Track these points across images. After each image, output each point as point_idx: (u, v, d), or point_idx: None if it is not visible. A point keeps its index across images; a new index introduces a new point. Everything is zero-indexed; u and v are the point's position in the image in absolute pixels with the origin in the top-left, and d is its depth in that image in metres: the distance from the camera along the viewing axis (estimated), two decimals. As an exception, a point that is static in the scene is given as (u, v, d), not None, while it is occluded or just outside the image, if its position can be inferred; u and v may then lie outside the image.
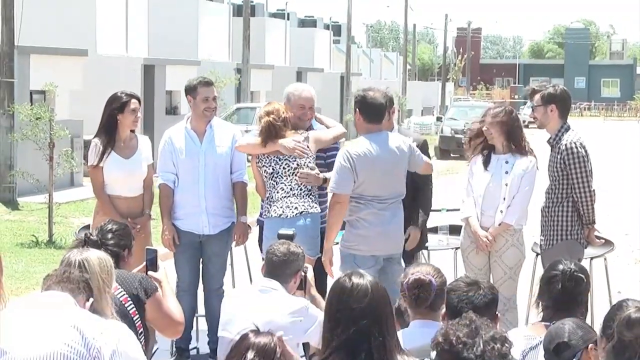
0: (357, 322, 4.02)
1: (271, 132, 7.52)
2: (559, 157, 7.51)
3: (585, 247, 7.67)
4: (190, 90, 7.96)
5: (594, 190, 7.53)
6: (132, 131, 8.02)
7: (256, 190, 7.79)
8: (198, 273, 8.05)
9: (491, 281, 7.79)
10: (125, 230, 5.83)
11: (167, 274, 5.65)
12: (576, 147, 7.46)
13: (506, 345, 3.78)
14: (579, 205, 7.49)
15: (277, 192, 7.55)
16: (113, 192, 7.93)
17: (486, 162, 7.73)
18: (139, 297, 5.34)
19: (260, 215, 7.87)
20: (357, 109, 7.16)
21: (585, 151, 7.50)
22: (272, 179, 7.59)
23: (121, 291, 5.30)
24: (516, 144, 7.66)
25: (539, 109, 7.61)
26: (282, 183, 7.54)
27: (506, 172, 7.64)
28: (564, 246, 7.44)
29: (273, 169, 7.58)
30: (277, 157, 7.56)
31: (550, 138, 7.63)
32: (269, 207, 7.56)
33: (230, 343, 5.50)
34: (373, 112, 7.13)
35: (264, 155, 7.58)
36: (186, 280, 8.03)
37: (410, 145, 7.25)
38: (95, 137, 8.03)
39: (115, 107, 7.87)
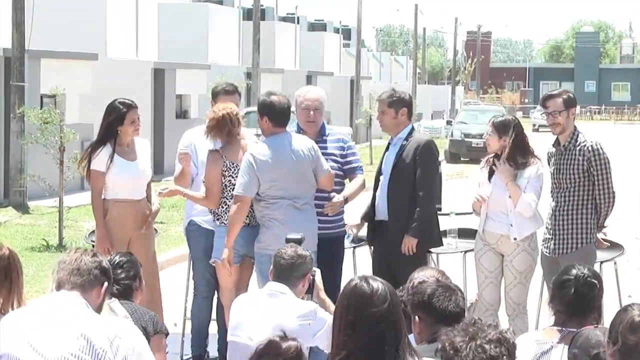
0: (376, 326, 4.04)
1: (225, 124, 7.47)
2: (581, 158, 7.45)
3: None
4: (213, 96, 8.04)
5: (615, 191, 7.51)
6: None
7: (207, 198, 7.55)
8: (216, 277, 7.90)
9: (502, 285, 7.79)
10: (130, 258, 5.79)
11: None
12: (601, 148, 7.46)
13: (503, 347, 3.77)
14: (600, 207, 7.46)
15: None
16: (120, 197, 7.84)
17: (491, 173, 7.71)
18: (146, 329, 5.32)
19: None
20: (266, 115, 7.35)
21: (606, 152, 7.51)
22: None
23: (130, 320, 5.30)
24: (521, 152, 7.62)
25: (562, 114, 7.52)
26: None
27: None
28: (585, 251, 7.41)
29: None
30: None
31: (565, 142, 7.55)
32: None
33: (239, 347, 5.51)
34: (281, 117, 7.38)
35: (232, 164, 7.51)
36: (205, 286, 7.97)
37: (316, 150, 7.42)
38: (96, 143, 7.86)
39: (113, 119, 7.74)
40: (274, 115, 7.35)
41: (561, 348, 4.84)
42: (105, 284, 4.26)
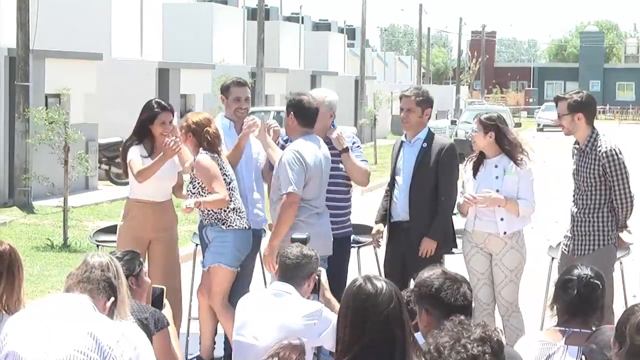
0: (382, 327, 4.02)
1: (216, 139, 7.48)
2: (596, 163, 7.44)
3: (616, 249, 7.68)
4: (224, 90, 8.00)
5: (634, 194, 7.51)
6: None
7: (221, 201, 7.40)
8: None
9: (493, 285, 7.78)
10: (129, 257, 5.69)
11: (171, 314, 5.63)
12: (616, 153, 7.44)
13: (487, 346, 3.71)
14: (618, 210, 7.46)
15: (238, 201, 7.52)
16: (143, 197, 7.85)
17: (475, 169, 7.71)
18: (148, 327, 5.31)
19: None
20: (292, 113, 7.32)
21: (623, 156, 7.49)
22: (231, 189, 7.48)
23: (131, 319, 5.29)
24: (509, 145, 7.62)
25: (565, 118, 7.52)
26: (237, 193, 7.53)
27: (496, 177, 7.62)
28: (603, 253, 7.41)
29: (231, 179, 7.52)
30: (231, 167, 7.56)
31: (582, 145, 7.54)
32: (237, 218, 7.46)
33: (244, 347, 5.51)
34: (309, 116, 7.33)
35: (223, 162, 7.49)
36: None
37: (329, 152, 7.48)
38: (127, 141, 7.96)
39: (145, 118, 7.84)
40: (300, 112, 7.32)
41: (564, 349, 4.84)
42: (112, 299, 4.29)
